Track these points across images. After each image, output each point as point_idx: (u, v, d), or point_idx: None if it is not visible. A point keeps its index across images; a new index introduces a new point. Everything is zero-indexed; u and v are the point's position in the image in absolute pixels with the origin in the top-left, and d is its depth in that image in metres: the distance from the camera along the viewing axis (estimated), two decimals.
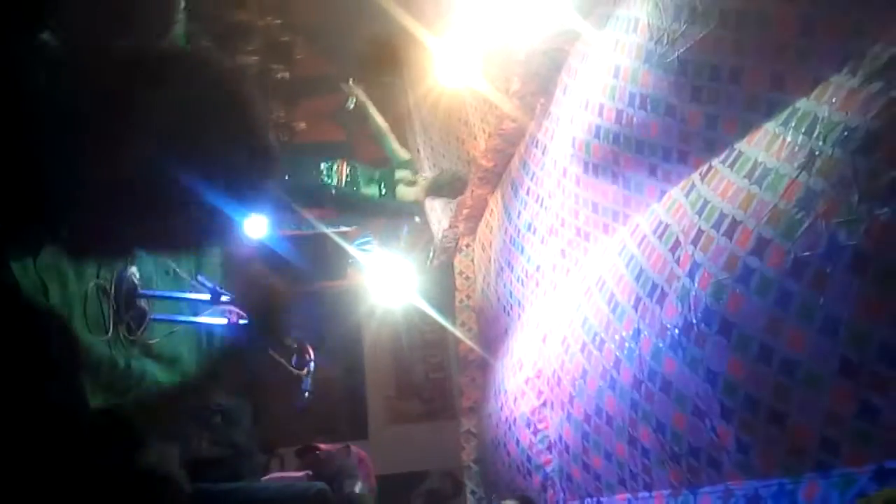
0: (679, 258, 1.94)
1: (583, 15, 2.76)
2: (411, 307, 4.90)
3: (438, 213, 5.03)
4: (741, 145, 1.85)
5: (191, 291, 2.67)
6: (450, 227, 4.83)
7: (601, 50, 2.53)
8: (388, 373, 5.77)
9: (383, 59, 5.05)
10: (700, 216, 1.91)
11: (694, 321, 1.81)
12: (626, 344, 2.16)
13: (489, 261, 4.27)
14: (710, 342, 1.76)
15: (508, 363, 3.57)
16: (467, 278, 4.92)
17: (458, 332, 4.78)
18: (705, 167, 1.99)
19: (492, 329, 4.19)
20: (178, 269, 2.63)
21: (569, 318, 2.68)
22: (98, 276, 2.19)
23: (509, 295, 3.75)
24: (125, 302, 2.34)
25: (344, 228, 5.24)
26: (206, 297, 2.55)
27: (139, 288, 2.41)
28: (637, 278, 2.16)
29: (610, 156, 2.44)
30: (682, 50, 2.02)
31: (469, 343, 4.67)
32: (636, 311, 2.13)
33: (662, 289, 1.99)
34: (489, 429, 3.79)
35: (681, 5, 2.02)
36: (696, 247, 1.87)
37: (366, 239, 5.59)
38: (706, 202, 1.91)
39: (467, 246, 4.94)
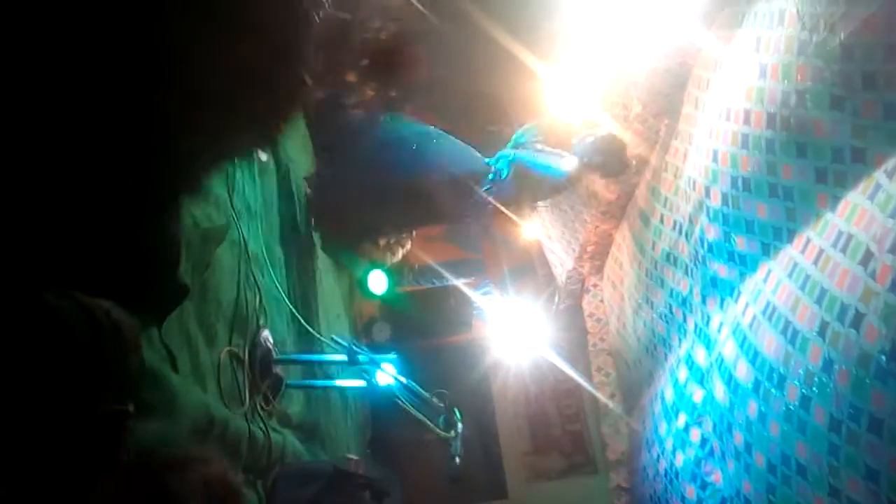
0: (874, 272, 1.64)
1: (708, 19, 2.53)
2: (540, 356, 4.65)
3: (560, 255, 4.79)
4: None
5: (327, 352, 2.54)
6: (574, 267, 4.58)
7: (739, 52, 2.28)
8: (523, 427, 5.47)
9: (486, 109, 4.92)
10: (895, 220, 1.61)
11: None
12: (815, 378, 1.84)
13: (622, 299, 3.98)
14: None
15: (659, 409, 3.25)
16: (598, 320, 4.62)
17: (592, 380, 4.47)
18: (891, 163, 1.69)
19: (633, 372, 3.87)
20: (311, 329, 2.51)
21: (732, 354, 2.37)
22: (230, 343, 2.04)
23: (651, 334, 3.45)
24: (260, 369, 2.20)
25: (464, 280, 5.09)
26: (343, 357, 2.40)
27: (274, 353, 2.28)
28: (818, 301, 1.86)
29: (764, 166, 2.16)
30: (845, 34, 1.75)
31: (608, 390, 4.35)
32: (823, 338, 1.82)
33: (857, 310, 1.68)
34: (644, 483, 3.45)
35: None
36: (895, 255, 1.57)
37: (486, 288, 5.41)
38: None
39: (595, 286, 4.66)
